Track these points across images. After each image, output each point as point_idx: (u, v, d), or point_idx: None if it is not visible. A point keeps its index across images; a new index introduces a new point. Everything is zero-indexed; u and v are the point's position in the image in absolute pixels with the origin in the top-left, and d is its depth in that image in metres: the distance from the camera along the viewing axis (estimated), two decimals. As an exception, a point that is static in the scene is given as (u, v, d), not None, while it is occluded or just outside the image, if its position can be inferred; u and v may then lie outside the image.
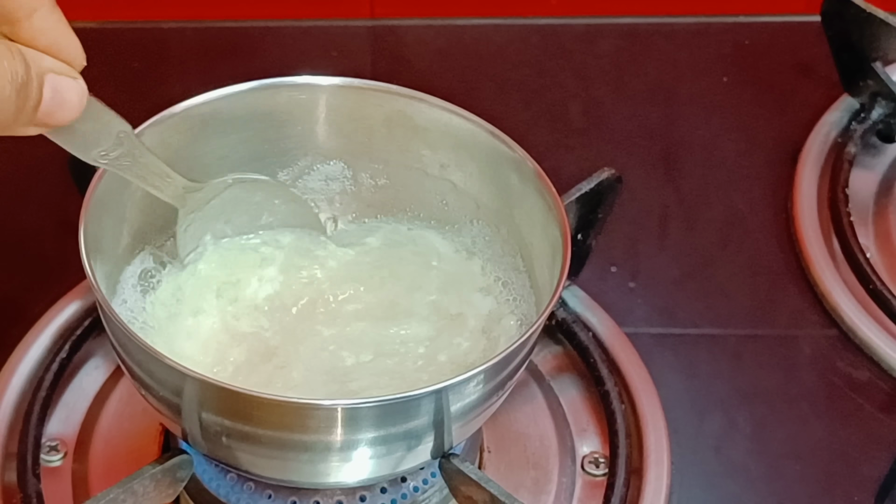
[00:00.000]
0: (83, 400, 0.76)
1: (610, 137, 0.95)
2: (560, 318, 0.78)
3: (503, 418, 0.74)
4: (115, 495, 0.64)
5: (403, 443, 0.61)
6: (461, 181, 0.72)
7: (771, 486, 0.75)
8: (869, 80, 0.92)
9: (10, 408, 0.74)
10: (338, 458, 0.61)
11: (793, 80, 0.99)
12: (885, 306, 0.81)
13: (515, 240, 0.71)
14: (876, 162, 0.92)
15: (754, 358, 0.81)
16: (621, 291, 0.84)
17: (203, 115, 0.69)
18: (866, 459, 0.76)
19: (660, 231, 0.89)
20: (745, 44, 1.02)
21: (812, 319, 0.83)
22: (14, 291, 0.83)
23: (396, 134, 0.72)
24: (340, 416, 0.59)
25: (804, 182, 0.90)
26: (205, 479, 0.68)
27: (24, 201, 0.89)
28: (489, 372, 0.60)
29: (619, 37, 1.03)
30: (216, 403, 0.60)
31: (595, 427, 0.76)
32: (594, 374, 0.76)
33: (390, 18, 1.04)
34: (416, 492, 0.68)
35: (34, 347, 0.77)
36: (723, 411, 0.78)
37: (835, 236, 0.86)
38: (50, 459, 0.73)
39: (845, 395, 0.79)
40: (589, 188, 0.76)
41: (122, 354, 0.63)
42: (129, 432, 0.74)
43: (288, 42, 1.02)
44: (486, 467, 0.73)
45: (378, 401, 0.59)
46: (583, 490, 0.73)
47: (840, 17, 0.92)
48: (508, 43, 1.03)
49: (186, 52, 1.00)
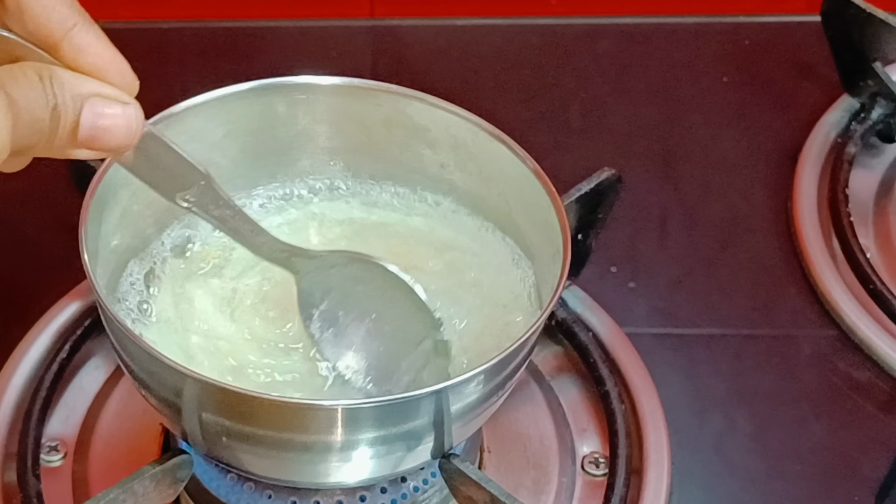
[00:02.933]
0: (83, 400, 0.76)
1: (610, 137, 0.95)
2: (560, 318, 0.79)
3: (503, 418, 0.74)
4: (115, 495, 0.64)
5: (403, 443, 0.61)
6: (461, 181, 0.72)
7: (771, 486, 0.75)
8: (869, 80, 0.92)
9: (10, 408, 0.74)
10: (338, 458, 0.61)
11: (793, 80, 0.99)
12: (885, 306, 0.81)
13: (516, 240, 0.71)
14: (876, 162, 0.92)
15: (754, 358, 0.81)
16: (621, 291, 0.84)
17: (202, 115, 0.68)
18: (866, 459, 0.76)
19: (660, 231, 0.89)
20: (745, 44, 1.02)
21: (812, 319, 0.83)
22: (14, 291, 0.83)
23: (396, 133, 0.72)
24: (340, 417, 0.59)
25: (804, 182, 0.90)
26: (205, 479, 0.68)
27: (24, 201, 0.89)
28: (489, 372, 0.60)
29: (619, 37, 1.03)
30: (216, 404, 0.60)
31: (595, 427, 0.76)
32: (594, 374, 0.76)
33: (390, 18, 1.04)
34: (417, 492, 0.68)
35: (34, 347, 0.77)
36: (723, 411, 0.78)
37: (835, 236, 0.86)
38: (50, 459, 0.73)
39: (845, 395, 0.79)
40: (589, 188, 0.76)
41: (122, 355, 0.63)
42: (129, 432, 0.74)
43: (288, 42, 1.02)
44: (486, 467, 0.73)
45: (378, 401, 0.59)
46: (583, 490, 0.73)
47: (840, 17, 0.92)
48: (508, 43, 1.02)
49: (186, 52, 1.00)
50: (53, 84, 0.52)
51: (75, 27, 0.53)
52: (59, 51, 0.54)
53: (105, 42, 0.55)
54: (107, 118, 0.54)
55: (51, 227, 0.85)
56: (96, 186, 0.64)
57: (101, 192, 0.64)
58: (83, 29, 0.54)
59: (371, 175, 0.74)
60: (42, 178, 0.85)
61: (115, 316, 0.60)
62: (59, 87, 0.52)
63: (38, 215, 0.87)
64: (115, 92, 0.54)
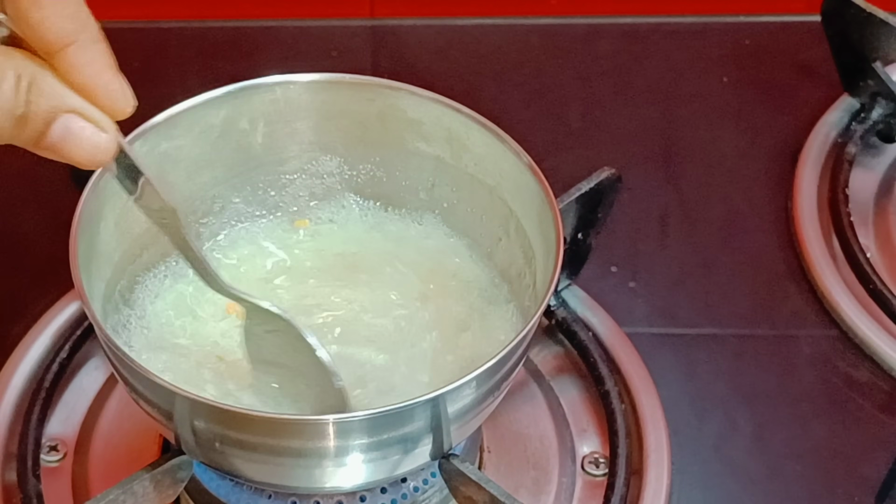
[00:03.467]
0: (83, 400, 0.76)
1: (610, 137, 0.95)
2: (560, 318, 0.78)
3: (503, 418, 0.74)
4: (114, 496, 0.64)
5: (401, 447, 0.61)
6: (457, 175, 0.72)
7: (771, 486, 0.75)
8: (869, 80, 0.92)
9: (10, 408, 0.74)
10: (333, 464, 0.61)
11: (793, 80, 0.99)
12: (885, 306, 0.81)
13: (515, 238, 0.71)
14: (876, 162, 0.92)
15: (754, 358, 0.81)
16: (621, 291, 0.84)
17: (192, 117, 0.68)
18: (866, 459, 0.76)
19: (660, 231, 0.89)
20: (745, 44, 1.02)
21: (812, 319, 0.83)
22: (14, 291, 0.83)
23: (390, 127, 0.72)
24: (332, 431, 0.59)
25: (804, 182, 0.90)
26: (205, 479, 0.68)
27: (24, 201, 0.89)
28: (485, 375, 0.60)
29: (619, 37, 1.03)
30: (208, 420, 0.60)
31: (595, 427, 0.76)
32: (594, 374, 0.76)
33: (390, 18, 1.04)
34: (417, 492, 0.68)
35: (34, 347, 0.77)
36: (723, 411, 0.78)
37: (835, 236, 0.86)
38: (50, 459, 0.73)
39: (845, 395, 0.79)
40: (589, 188, 0.76)
41: (116, 364, 0.62)
42: (129, 432, 0.74)
43: (288, 42, 1.02)
44: (485, 467, 0.72)
45: (370, 414, 0.58)
46: (583, 490, 0.73)
47: (840, 17, 0.91)
48: (508, 43, 1.02)
49: (186, 52, 1.00)
50: (31, 91, 0.51)
51: (74, 44, 0.52)
52: (54, 61, 0.52)
53: (105, 62, 0.53)
54: (75, 139, 0.52)
55: (50, 227, 0.84)
56: (89, 197, 0.64)
57: (95, 201, 0.64)
58: (82, 47, 0.52)
59: (367, 170, 0.74)
60: (41, 178, 0.86)
61: (106, 336, 0.60)
62: (35, 95, 0.51)
63: (37, 215, 0.87)
64: (96, 115, 0.53)
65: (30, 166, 0.55)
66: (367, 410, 0.58)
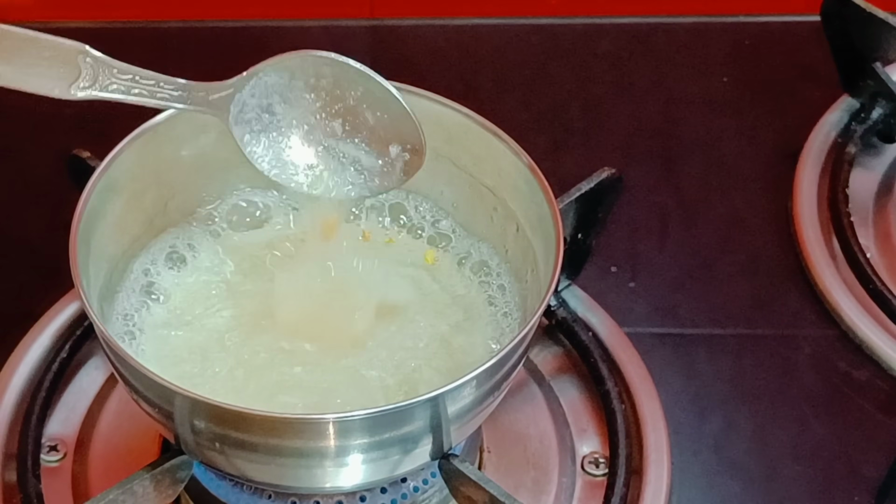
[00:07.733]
0: (83, 400, 0.76)
1: (610, 137, 0.95)
2: (560, 318, 0.79)
3: (503, 418, 0.74)
4: (114, 496, 0.64)
5: (400, 446, 0.61)
6: (457, 175, 0.72)
7: (771, 486, 0.75)
8: (869, 80, 0.92)
9: (10, 408, 0.74)
10: (333, 464, 0.61)
11: (793, 80, 0.99)
12: (885, 306, 0.81)
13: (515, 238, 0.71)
14: (876, 162, 0.92)
15: (754, 358, 0.81)
16: (621, 291, 0.84)
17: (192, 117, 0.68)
18: (866, 459, 0.76)
19: (660, 231, 0.89)
20: (745, 44, 1.02)
21: (812, 319, 0.83)
22: (14, 291, 0.83)
23: None
24: (333, 430, 0.59)
25: (804, 182, 0.90)
26: (204, 479, 0.68)
27: (24, 201, 0.89)
28: (485, 374, 0.60)
29: (619, 37, 1.03)
30: (208, 420, 0.60)
31: (595, 427, 0.76)
32: (594, 374, 0.76)
33: (390, 18, 1.04)
34: (417, 492, 0.68)
35: (34, 347, 0.77)
36: (723, 411, 0.78)
37: (835, 236, 0.86)
38: (50, 459, 0.73)
39: (845, 395, 0.79)
40: (589, 188, 0.76)
41: (116, 364, 0.62)
42: (129, 432, 0.74)
43: (288, 42, 1.01)
44: (485, 467, 0.73)
45: (371, 413, 0.58)
46: (583, 490, 0.73)
47: (840, 17, 0.91)
48: (508, 43, 1.02)
49: (186, 52, 1.00)
50: None
51: None
52: None
53: None
54: None
55: (50, 228, 0.84)
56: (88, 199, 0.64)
57: (94, 200, 0.64)
58: None
59: None
60: (41, 178, 0.86)
61: (105, 334, 0.60)
62: None
63: (37, 215, 0.87)
64: None
65: (30, 166, 0.55)
66: (368, 410, 0.58)
